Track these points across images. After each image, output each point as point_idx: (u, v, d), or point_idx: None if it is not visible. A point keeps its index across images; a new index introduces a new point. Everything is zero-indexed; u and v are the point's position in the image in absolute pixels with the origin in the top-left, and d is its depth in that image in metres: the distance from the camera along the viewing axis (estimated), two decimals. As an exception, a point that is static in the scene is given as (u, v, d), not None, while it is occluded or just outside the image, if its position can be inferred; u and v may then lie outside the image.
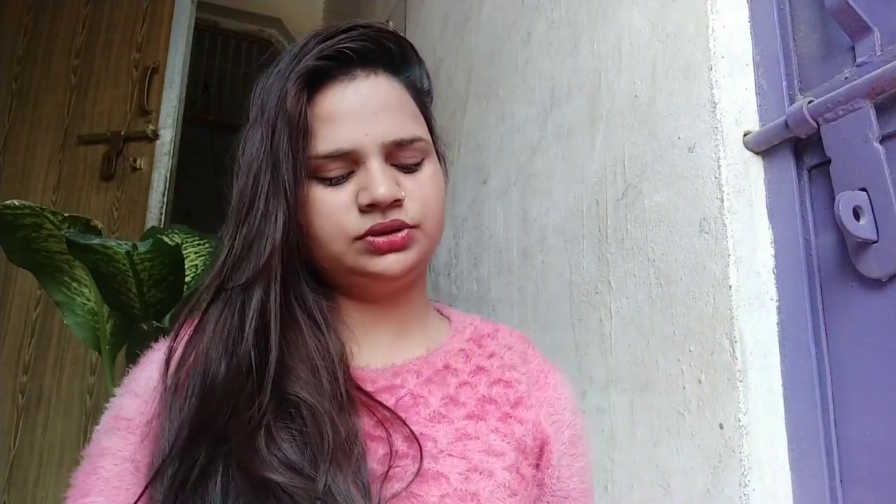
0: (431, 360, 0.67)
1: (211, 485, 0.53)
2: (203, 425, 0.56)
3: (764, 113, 0.81)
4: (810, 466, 0.71)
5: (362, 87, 0.64)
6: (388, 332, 0.68)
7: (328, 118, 0.62)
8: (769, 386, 0.75)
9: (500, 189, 1.38)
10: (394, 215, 0.61)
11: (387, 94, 0.64)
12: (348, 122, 0.62)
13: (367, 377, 0.63)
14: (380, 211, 0.61)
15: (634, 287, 0.92)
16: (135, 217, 2.15)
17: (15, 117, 2.34)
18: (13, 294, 2.16)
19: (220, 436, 0.55)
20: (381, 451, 0.58)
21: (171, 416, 0.58)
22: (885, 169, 0.65)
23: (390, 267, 0.62)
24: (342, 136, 0.62)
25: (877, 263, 0.66)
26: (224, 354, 0.59)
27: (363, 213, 0.61)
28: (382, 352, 0.67)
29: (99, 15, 2.39)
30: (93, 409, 2.01)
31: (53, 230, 1.27)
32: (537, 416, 0.66)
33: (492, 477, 0.59)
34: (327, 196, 0.62)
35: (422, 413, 0.62)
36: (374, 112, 0.63)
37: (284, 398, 0.57)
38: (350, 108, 0.63)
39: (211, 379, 0.58)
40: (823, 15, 0.75)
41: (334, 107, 0.63)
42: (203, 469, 0.54)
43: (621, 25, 1.01)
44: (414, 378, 0.65)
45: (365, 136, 0.62)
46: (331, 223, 0.62)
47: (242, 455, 0.54)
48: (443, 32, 1.80)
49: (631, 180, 0.96)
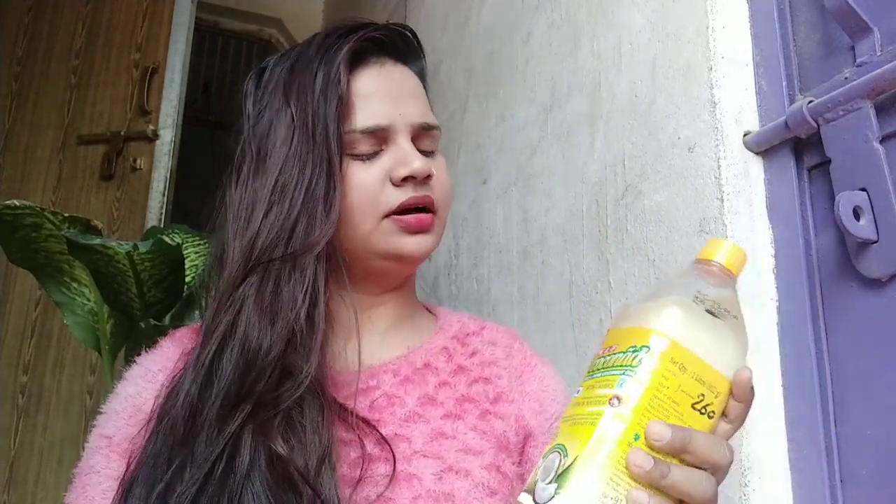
0: (411, 358, 0.66)
1: (239, 460, 0.52)
2: (242, 393, 0.55)
3: (764, 113, 0.81)
4: (810, 466, 0.71)
5: (393, 72, 0.67)
6: (375, 330, 0.68)
7: (366, 94, 0.64)
8: (769, 386, 0.75)
9: (500, 189, 1.39)
10: (425, 191, 0.63)
11: (413, 82, 0.68)
12: (386, 100, 0.65)
13: (343, 381, 0.62)
14: (412, 186, 0.63)
15: (634, 287, 0.92)
16: (135, 217, 2.15)
17: (15, 117, 2.34)
18: (13, 294, 2.16)
19: (256, 406, 0.55)
20: (354, 454, 0.57)
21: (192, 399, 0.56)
22: (885, 169, 0.65)
23: (418, 248, 0.63)
24: (380, 112, 0.64)
25: (877, 263, 0.66)
26: (269, 325, 0.57)
27: (397, 187, 0.63)
28: (364, 351, 0.65)
29: (99, 15, 2.39)
30: (93, 409, 2.00)
31: (53, 230, 1.27)
32: (520, 410, 0.65)
33: (468, 476, 0.58)
34: (362, 172, 0.63)
35: (396, 413, 0.61)
36: (406, 95, 0.66)
37: (296, 379, 0.56)
38: (386, 88, 0.65)
39: (253, 350, 0.57)
40: (823, 15, 0.76)
41: (370, 85, 0.65)
42: (235, 441, 0.53)
43: (621, 25, 1.01)
44: (390, 378, 0.64)
45: (399, 115, 0.64)
46: (366, 198, 0.62)
47: (266, 437, 0.53)
48: (443, 32, 1.80)
49: (631, 180, 0.96)
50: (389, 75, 0.66)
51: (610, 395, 0.41)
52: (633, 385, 0.41)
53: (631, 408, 0.40)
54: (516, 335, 0.73)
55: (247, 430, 0.54)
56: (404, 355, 0.66)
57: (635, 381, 0.41)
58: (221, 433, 0.54)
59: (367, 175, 0.63)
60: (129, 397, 0.63)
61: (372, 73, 0.66)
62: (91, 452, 0.62)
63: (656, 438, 0.40)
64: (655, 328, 0.43)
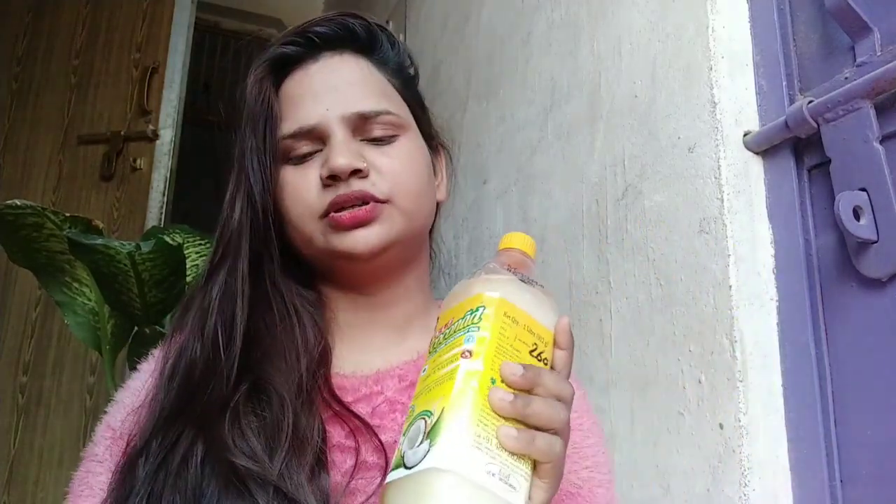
0: (420, 363, 0.64)
1: (190, 466, 0.54)
2: (182, 407, 0.57)
3: (764, 113, 0.81)
4: (810, 466, 0.71)
5: (326, 66, 0.65)
6: (382, 334, 0.67)
7: (291, 99, 0.64)
8: (769, 386, 0.75)
9: (500, 189, 1.39)
10: (357, 186, 0.61)
11: (351, 71, 0.65)
12: (310, 99, 0.63)
13: (350, 386, 0.62)
14: (342, 183, 0.60)
15: (634, 287, 0.92)
16: (135, 217, 2.15)
17: (15, 117, 2.34)
18: (13, 294, 2.16)
19: (198, 417, 0.56)
20: (349, 462, 0.57)
21: (156, 403, 0.59)
22: (885, 169, 0.65)
23: (357, 243, 0.60)
24: (304, 113, 0.63)
25: (877, 263, 0.66)
26: (199, 337, 0.60)
27: (326, 187, 0.61)
28: (373, 356, 0.65)
29: (99, 15, 2.39)
30: (93, 409, 2.00)
31: (55, 230, 1.28)
32: None
33: None
34: (293, 176, 0.63)
35: (398, 420, 0.60)
36: (336, 87, 0.64)
37: (257, 383, 0.58)
38: (312, 86, 0.64)
39: (189, 363, 0.59)
40: (823, 15, 0.75)
41: (297, 87, 0.65)
42: (184, 450, 0.55)
43: (621, 25, 1.01)
44: (395, 383, 0.63)
45: (326, 110, 0.62)
46: (297, 202, 0.62)
47: (209, 437, 0.55)
48: (443, 33, 1.80)
49: (631, 180, 0.96)
50: (320, 70, 0.65)
51: (461, 352, 0.44)
52: (479, 337, 0.45)
53: (482, 358, 0.44)
54: None
55: (188, 429, 0.56)
56: (413, 360, 0.65)
57: (480, 334, 0.45)
58: (171, 430, 0.56)
59: (299, 178, 0.62)
60: (135, 391, 0.63)
61: (298, 75, 0.65)
62: (97, 440, 0.63)
63: (512, 374, 0.43)
64: (485, 292, 0.47)
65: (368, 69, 0.67)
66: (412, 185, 0.64)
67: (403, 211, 0.62)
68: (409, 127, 0.66)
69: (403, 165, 0.64)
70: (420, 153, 0.67)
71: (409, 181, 0.63)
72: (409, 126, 0.67)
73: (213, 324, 0.60)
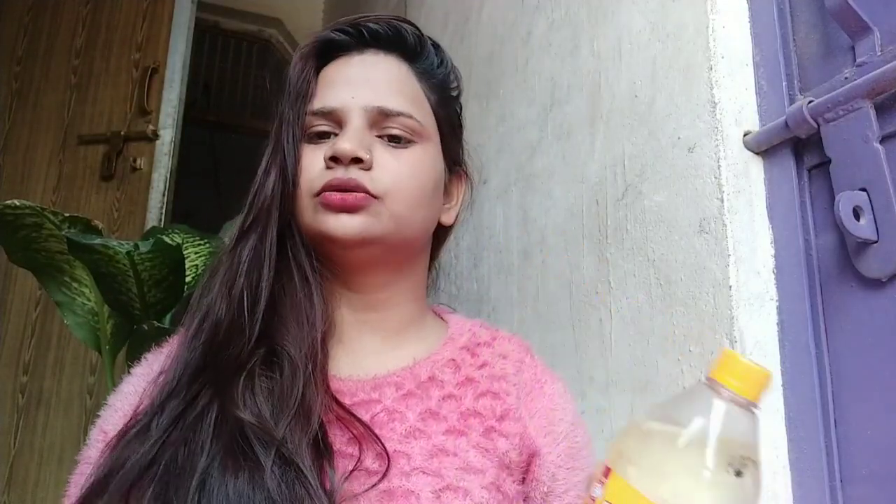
0: (416, 371, 0.65)
1: (205, 422, 0.55)
2: (204, 365, 0.59)
3: (764, 113, 0.81)
4: (810, 466, 0.71)
5: (366, 60, 0.67)
6: (377, 337, 0.67)
7: (327, 82, 0.66)
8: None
9: (500, 189, 1.39)
10: (355, 174, 0.61)
11: (388, 69, 0.67)
12: (341, 85, 0.65)
13: (347, 389, 0.62)
14: (343, 168, 0.62)
15: (634, 287, 0.92)
16: (135, 217, 2.15)
17: (15, 117, 2.34)
18: (13, 294, 2.16)
19: (218, 375, 0.58)
20: (350, 468, 0.56)
21: (179, 360, 0.60)
22: (885, 169, 0.65)
23: (337, 227, 0.61)
24: (331, 95, 0.65)
25: (877, 263, 0.66)
26: (226, 296, 0.61)
27: (328, 168, 0.62)
28: (369, 359, 0.65)
29: (99, 15, 2.39)
30: (93, 409, 2.00)
31: (54, 230, 1.28)
32: (526, 428, 0.63)
33: (468, 496, 0.57)
34: (307, 152, 0.64)
35: (397, 430, 0.60)
36: (368, 80, 0.66)
37: (273, 347, 0.59)
38: (348, 74, 0.66)
39: (215, 322, 0.60)
40: (823, 15, 0.76)
41: (335, 73, 0.67)
42: (202, 407, 0.56)
43: (621, 25, 1.01)
44: (393, 392, 0.63)
45: (352, 98, 0.64)
46: (306, 179, 0.64)
47: (226, 396, 0.56)
48: (443, 32, 1.80)
49: (631, 180, 0.96)
50: (359, 64, 0.67)
51: None
52: None
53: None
54: (528, 348, 0.72)
55: (208, 387, 0.57)
56: (409, 367, 0.65)
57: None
58: (192, 387, 0.57)
59: (310, 156, 0.64)
60: (128, 395, 0.64)
61: (340, 62, 0.67)
62: (90, 444, 0.63)
63: None
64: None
65: (406, 74, 0.68)
66: (411, 191, 0.64)
67: (393, 213, 0.62)
68: (428, 138, 0.67)
69: (408, 170, 0.64)
70: (431, 166, 0.67)
71: (408, 187, 0.63)
72: (430, 138, 0.67)
73: (241, 285, 0.61)
